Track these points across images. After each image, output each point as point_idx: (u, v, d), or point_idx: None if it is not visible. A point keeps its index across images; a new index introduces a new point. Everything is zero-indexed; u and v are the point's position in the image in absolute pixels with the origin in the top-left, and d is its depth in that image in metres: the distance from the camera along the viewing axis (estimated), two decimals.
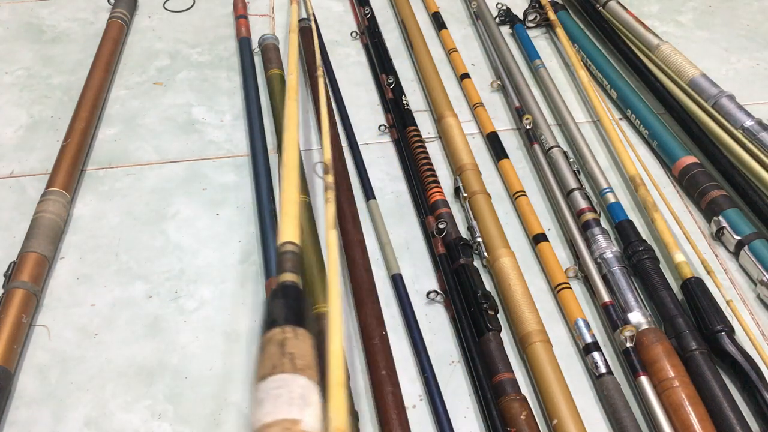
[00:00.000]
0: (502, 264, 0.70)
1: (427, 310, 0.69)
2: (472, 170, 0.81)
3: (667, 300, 0.67)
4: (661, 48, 0.96)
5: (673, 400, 0.58)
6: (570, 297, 0.68)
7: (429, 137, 0.89)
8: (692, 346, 0.62)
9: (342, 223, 0.75)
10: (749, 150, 0.81)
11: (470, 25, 1.10)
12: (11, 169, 0.85)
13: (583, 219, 0.75)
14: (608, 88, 0.95)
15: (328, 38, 1.04)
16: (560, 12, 1.07)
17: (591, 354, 0.63)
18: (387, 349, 0.63)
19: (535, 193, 0.82)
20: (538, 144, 0.85)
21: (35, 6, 1.15)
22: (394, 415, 0.58)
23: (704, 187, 0.78)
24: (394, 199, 0.81)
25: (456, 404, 0.62)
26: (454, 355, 0.66)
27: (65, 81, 0.98)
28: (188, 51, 1.05)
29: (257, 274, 0.72)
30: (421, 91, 0.97)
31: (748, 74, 1.01)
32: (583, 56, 1.00)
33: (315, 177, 0.82)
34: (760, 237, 0.72)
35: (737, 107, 0.85)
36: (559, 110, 0.91)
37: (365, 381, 0.63)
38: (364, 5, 1.08)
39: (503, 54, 0.99)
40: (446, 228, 0.73)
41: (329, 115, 0.89)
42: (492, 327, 0.64)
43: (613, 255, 0.70)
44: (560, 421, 0.58)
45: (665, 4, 1.15)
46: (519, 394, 0.60)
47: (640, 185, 0.78)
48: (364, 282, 0.69)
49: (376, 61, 0.99)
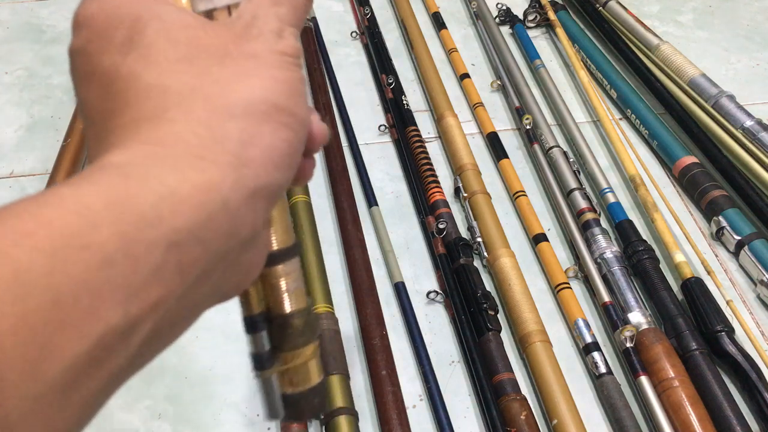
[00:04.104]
0: (502, 264, 0.70)
1: (427, 310, 0.69)
2: (472, 170, 0.81)
3: (667, 300, 0.67)
4: (661, 48, 0.96)
5: (673, 400, 0.58)
6: (570, 297, 0.68)
7: (429, 137, 0.89)
8: (692, 346, 0.62)
9: (342, 223, 0.75)
10: (749, 150, 0.81)
11: (470, 25, 1.10)
12: (11, 169, 0.85)
13: (583, 219, 0.75)
14: (608, 88, 0.95)
15: (328, 38, 1.04)
16: (560, 12, 1.07)
17: (591, 354, 0.63)
18: (387, 349, 0.63)
19: (535, 193, 0.82)
20: (538, 144, 0.85)
21: (35, 6, 1.15)
22: (395, 415, 0.58)
23: (704, 187, 0.78)
24: (394, 199, 0.81)
25: (456, 404, 0.62)
26: (454, 355, 0.66)
27: (65, 81, 0.98)
28: None
29: None
30: (421, 91, 0.97)
31: (748, 74, 1.01)
32: (583, 56, 1.00)
33: (315, 178, 0.82)
34: (760, 237, 0.72)
35: (737, 107, 0.85)
36: (559, 110, 0.91)
37: (365, 381, 0.63)
38: (364, 5, 1.08)
39: (503, 54, 0.99)
40: (446, 228, 0.73)
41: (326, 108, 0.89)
42: (492, 327, 0.64)
43: (613, 255, 0.70)
44: (560, 421, 0.58)
45: (665, 4, 1.15)
46: (519, 394, 0.60)
47: (640, 185, 0.78)
48: (364, 282, 0.69)
49: (376, 61, 0.99)
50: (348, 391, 0.60)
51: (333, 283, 0.70)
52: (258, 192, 0.24)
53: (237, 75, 0.25)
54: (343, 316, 0.67)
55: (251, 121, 0.25)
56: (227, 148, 0.24)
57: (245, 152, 0.24)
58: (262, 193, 0.24)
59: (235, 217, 0.23)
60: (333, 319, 0.65)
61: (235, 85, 0.25)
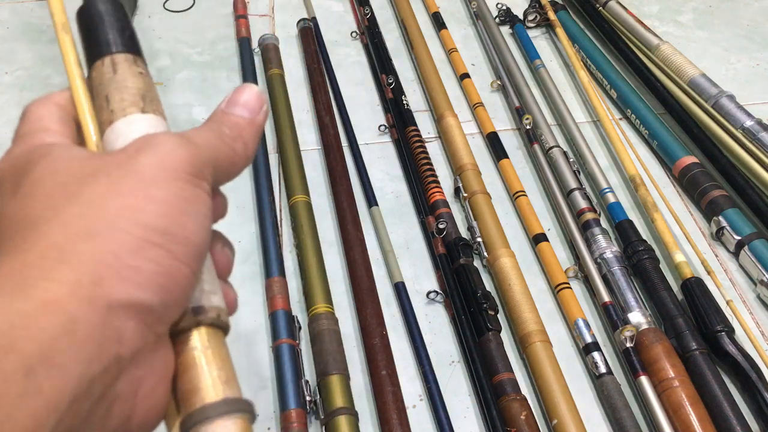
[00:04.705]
0: (502, 264, 0.70)
1: (427, 310, 0.69)
2: (472, 170, 0.81)
3: (667, 300, 0.67)
4: (661, 48, 0.96)
5: (673, 400, 0.58)
6: (570, 297, 0.68)
7: (429, 137, 0.89)
8: (692, 346, 0.62)
9: (342, 223, 0.75)
10: (749, 150, 0.81)
11: (470, 25, 1.10)
12: None
13: (583, 219, 0.75)
14: (608, 88, 0.95)
15: (328, 38, 1.04)
16: (560, 12, 1.07)
17: (591, 354, 0.63)
18: (387, 349, 0.63)
19: (535, 193, 0.82)
20: (538, 144, 0.85)
21: (35, 6, 1.15)
22: (395, 415, 0.58)
23: (704, 187, 0.78)
24: (394, 199, 0.81)
25: (456, 404, 0.62)
26: (454, 355, 0.66)
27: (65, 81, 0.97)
28: (188, 51, 1.05)
29: (257, 274, 0.72)
30: (421, 91, 0.97)
31: (748, 74, 1.01)
32: (583, 56, 1.00)
33: (315, 178, 0.82)
34: (760, 237, 0.72)
35: (737, 107, 0.85)
36: (559, 110, 0.91)
37: (365, 381, 0.63)
38: (364, 5, 1.08)
39: (503, 54, 0.99)
40: (446, 228, 0.73)
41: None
42: (492, 327, 0.64)
43: (613, 255, 0.70)
44: (560, 421, 0.58)
45: (665, 4, 1.15)
46: (519, 394, 0.60)
47: (640, 185, 0.78)
48: (364, 282, 0.69)
49: (376, 61, 0.99)
50: (348, 391, 0.60)
51: (333, 283, 0.70)
52: (116, 310, 0.23)
53: (108, 194, 0.25)
54: (343, 316, 0.67)
55: (110, 241, 0.24)
56: (75, 267, 0.23)
57: (98, 271, 0.23)
58: (123, 311, 0.23)
59: (90, 336, 0.22)
60: (333, 319, 0.65)
61: (102, 204, 0.25)
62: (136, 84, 0.30)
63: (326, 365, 0.61)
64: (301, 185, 0.78)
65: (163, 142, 0.27)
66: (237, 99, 0.32)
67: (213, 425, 0.25)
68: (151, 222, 0.24)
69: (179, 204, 0.25)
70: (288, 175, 0.80)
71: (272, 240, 0.72)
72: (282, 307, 0.65)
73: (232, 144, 0.30)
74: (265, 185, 0.78)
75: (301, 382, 0.60)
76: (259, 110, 0.32)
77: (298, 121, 0.89)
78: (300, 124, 0.89)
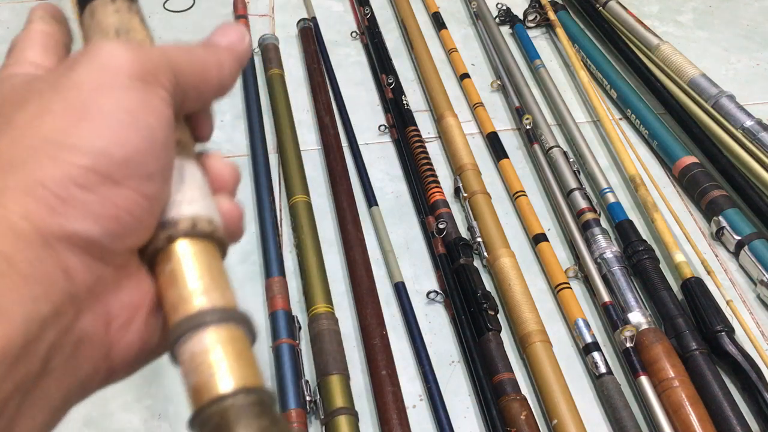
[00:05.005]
0: (502, 264, 0.70)
1: (427, 310, 0.69)
2: (472, 170, 0.81)
3: (667, 300, 0.67)
4: (661, 48, 0.96)
5: (673, 400, 0.58)
6: (570, 297, 0.68)
7: (429, 137, 0.89)
8: (692, 346, 0.62)
9: (342, 223, 0.75)
10: (749, 150, 0.81)
11: (470, 25, 1.10)
12: None
13: (583, 219, 0.75)
14: (608, 88, 0.95)
15: (328, 38, 1.04)
16: (560, 12, 1.07)
17: (591, 354, 0.63)
18: (388, 349, 0.63)
19: (535, 193, 0.82)
20: (538, 144, 0.85)
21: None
22: (395, 415, 0.58)
23: (704, 187, 0.78)
24: (394, 199, 0.81)
25: (456, 404, 0.62)
26: (454, 355, 0.66)
27: None
28: None
29: (257, 274, 0.72)
30: (421, 91, 0.97)
31: (748, 74, 1.01)
32: (583, 56, 1.00)
33: (315, 178, 0.82)
34: (760, 237, 0.72)
35: (737, 107, 0.85)
36: (559, 110, 0.91)
37: (365, 381, 0.63)
38: (364, 5, 1.08)
39: (503, 54, 0.99)
40: (446, 228, 0.73)
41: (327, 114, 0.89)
42: (492, 327, 0.64)
43: (613, 255, 0.70)
44: (560, 421, 0.58)
45: (665, 4, 1.15)
46: (519, 394, 0.60)
47: (640, 185, 0.78)
48: (364, 282, 0.69)
49: (376, 61, 0.99)
50: (348, 391, 0.60)
51: (333, 283, 0.70)
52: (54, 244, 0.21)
53: (38, 117, 0.23)
54: (343, 316, 0.67)
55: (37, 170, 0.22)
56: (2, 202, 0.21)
57: (25, 204, 0.21)
58: (62, 245, 0.21)
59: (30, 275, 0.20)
60: (333, 319, 0.65)
61: (30, 130, 0.22)
62: (111, 22, 0.28)
63: (326, 365, 0.61)
64: (301, 185, 0.78)
65: (103, 48, 0.23)
66: (216, 31, 0.29)
67: (192, 341, 0.22)
68: (84, 144, 0.22)
69: (121, 116, 0.22)
70: (288, 175, 0.80)
71: (272, 240, 0.72)
72: (282, 307, 0.65)
73: (204, 56, 0.26)
74: (265, 185, 0.78)
75: (301, 382, 0.60)
76: (238, 40, 0.28)
77: (298, 121, 0.89)
78: (300, 124, 0.89)
